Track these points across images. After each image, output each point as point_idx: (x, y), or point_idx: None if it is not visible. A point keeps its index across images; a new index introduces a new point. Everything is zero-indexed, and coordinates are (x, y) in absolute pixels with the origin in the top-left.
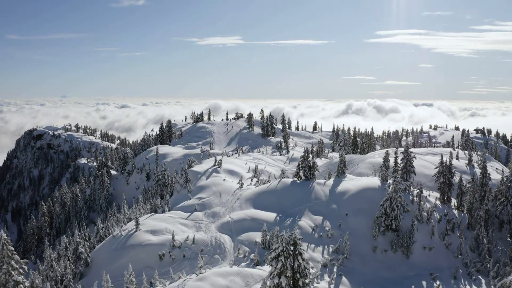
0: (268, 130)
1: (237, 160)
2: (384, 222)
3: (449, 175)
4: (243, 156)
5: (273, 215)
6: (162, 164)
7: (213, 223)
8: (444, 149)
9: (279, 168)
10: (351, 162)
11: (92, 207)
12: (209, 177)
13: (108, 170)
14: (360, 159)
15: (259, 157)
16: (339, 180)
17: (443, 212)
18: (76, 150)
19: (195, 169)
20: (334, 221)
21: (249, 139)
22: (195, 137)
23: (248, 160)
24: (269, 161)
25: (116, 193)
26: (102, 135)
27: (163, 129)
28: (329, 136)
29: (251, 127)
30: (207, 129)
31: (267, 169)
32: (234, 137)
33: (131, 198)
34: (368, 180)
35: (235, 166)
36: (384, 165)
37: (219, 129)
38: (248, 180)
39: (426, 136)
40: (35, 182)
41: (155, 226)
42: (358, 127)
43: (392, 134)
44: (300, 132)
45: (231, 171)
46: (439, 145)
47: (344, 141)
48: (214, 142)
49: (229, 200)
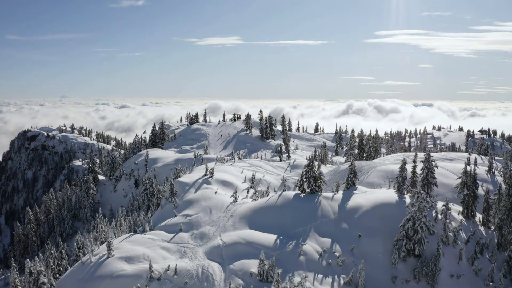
0: (267, 132)
1: (232, 168)
2: (405, 246)
3: (473, 186)
4: (239, 162)
5: (272, 237)
6: (152, 169)
7: (201, 246)
8: (460, 154)
9: (279, 177)
10: (360, 169)
11: (77, 215)
12: (198, 189)
13: (96, 175)
14: (370, 166)
15: (257, 163)
16: (349, 193)
17: (469, 230)
18: (70, 151)
19: (183, 179)
20: (345, 245)
21: (247, 142)
22: (189, 140)
23: (244, 167)
24: (268, 168)
25: (103, 200)
26: (98, 136)
27: (155, 131)
28: (331, 138)
29: (249, 129)
30: (202, 131)
31: (265, 178)
32: (231, 140)
33: (118, 206)
34: (383, 193)
35: (229, 176)
36: (401, 175)
37: (215, 131)
38: (243, 192)
39: (430, 137)
40: (29, 184)
41: (131, 251)
42: (361, 128)
43: (395, 135)
44: (301, 134)
45: (225, 182)
46: (443, 147)
47: (350, 145)
48: (209, 146)
49: (220, 218)
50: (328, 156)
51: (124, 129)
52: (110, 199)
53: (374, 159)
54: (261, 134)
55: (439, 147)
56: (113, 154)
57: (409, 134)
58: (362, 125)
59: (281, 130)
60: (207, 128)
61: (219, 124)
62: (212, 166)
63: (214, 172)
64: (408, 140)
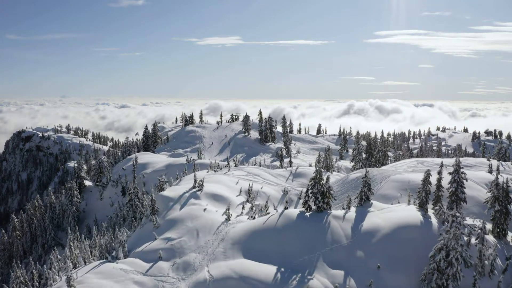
0: (267, 135)
1: (226, 178)
2: (435, 281)
3: (506, 201)
4: (234, 170)
5: (271, 269)
6: (140, 176)
7: (184, 280)
8: (479, 160)
9: (279, 187)
10: (372, 179)
11: (60, 225)
12: (185, 205)
13: (82, 181)
14: (383, 175)
15: (255, 171)
16: (363, 211)
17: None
18: (65, 152)
19: (167, 193)
20: (362, 279)
21: (244, 145)
22: (182, 143)
23: (240, 176)
24: (267, 177)
25: (89, 209)
26: (94, 137)
27: (147, 132)
28: (334, 140)
29: (247, 131)
30: (197, 134)
31: (264, 189)
32: (228, 143)
33: (104, 216)
34: (404, 211)
35: (222, 188)
36: (423, 188)
37: (211, 133)
38: (238, 208)
39: (435, 139)
40: (24, 186)
41: None
42: (368, 131)
43: (398, 136)
44: (302, 136)
45: (216, 196)
46: (449, 148)
47: (358, 149)
48: (204, 149)
49: (209, 242)
50: (333, 161)
51: (124, 129)
52: (96, 208)
53: (384, 164)
54: (260, 137)
55: (444, 149)
56: (100, 158)
57: (413, 135)
58: (363, 125)
59: (281, 132)
60: (203, 130)
61: (216, 126)
62: (202, 177)
63: (205, 183)
64: (413, 141)
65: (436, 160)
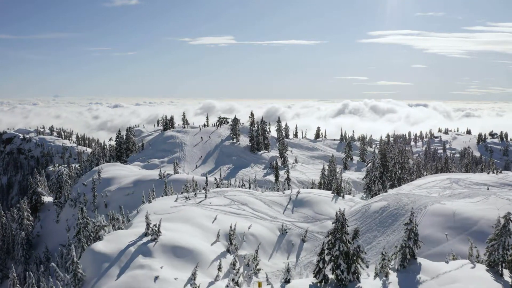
0: (259, 141)
1: (199, 212)
2: None
3: None
4: (213, 197)
5: None
6: (103, 194)
7: None
8: None
9: (275, 223)
10: (400, 209)
11: (10, 252)
12: (127, 269)
13: (39, 197)
14: (416, 205)
15: (241, 198)
16: (410, 280)
17: None
18: (47, 155)
19: (103, 247)
20: None
21: (233, 154)
22: (159, 151)
23: (220, 208)
24: (258, 206)
25: (44, 233)
26: (79, 139)
27: (120, 138)
28: (335, 146)
29: (236, 137)
30: (177, 140)
31: (254, 229)
32: (213, 151)
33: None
34: (472, 280)
35: (192, 231)
36: (499, 240)
37: (194, 139)
38: (213, 267)
39: (438, 141)
40: (4, 191)
41: None
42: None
43: (397, 138)
44: (300, 141)
45: (179, 250)
46: (454, 152)
47: (373, 162)
48: (184, 159)
49: None
50: (337, 173)
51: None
52: (52, 232)
53: (401, 179)
54: (251, 144)
55: (449, 153)
56: (60, 170)
57: (414, 137)
58: (359, 125)
59: (276, 137)
60: (184, 136)
61: (200, 131)
62: (158, 222)
63: (167, 224)
64: (415, 144)
65: (473, 178)
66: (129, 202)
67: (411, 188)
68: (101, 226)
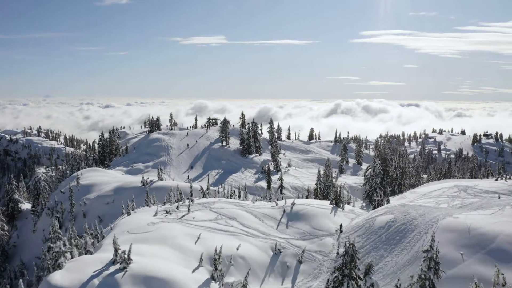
0: (249, 144)
1: (180, 229)
2: None
3: None
4: (197, 210)
5: None
6: (81, 203)
7: None
8: None
9: (267, 242)
10: (412, 225)
11: None
12: None
13: (16, 205)
14: (426, 219)
15: (229, 211)
16: None
17: None
18: (35, 157)
19: (60, 280)
20: None
21: (222, 158)
22: (144, 155)
23: (205, 224)
24: (248, 221)
25: (21, 242)
26: (67, 140)
27: (103, 140)
28: (330, 148)
29: (226, 140)
30: (162, 143)
31: (243, 249)
32: (201, 155)
33: (33, 257)
34: None
35: (169, 253)
36: None
37: (181, 142)
38: None
39: (433, 141)
40: None
41: None
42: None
43: (391, 138)
44: (293, 143)
45: (152, 281)
46: (449, 153)
47: (374, 168)
48: (170, 164)
49: None
50: (332, 177)
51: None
52: (29, 243)
53: (401, 185)
54: (242, 147)
55: (444, 154)
56: (37, 176)
57: (408, 138)
58: (352, 125)
59: (268, 139)
60: (171, 139)
61: (188, 133)
62: (129, 246)
63: (136, 254)
64: (409, 144)
65: (482, 185)
66: (109, 211)
67: (415, 197)
68: (60, 253)
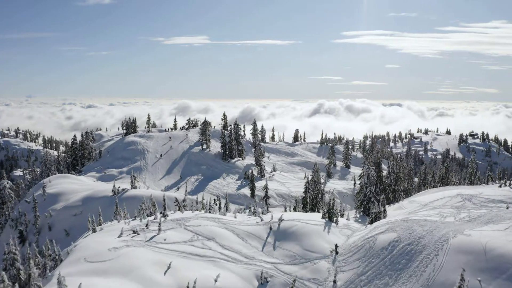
0: (232, 148)
1: (147, 256)
2: None
3: None
4: (169, 229)
5: None
6: (47, 214)
7: None
8: None
9: (251, 269)
10: (419, 245)
11: None
12: None
13: None
14: (434, 237)
15: (206, 230)
16: None
17: None
18: (12, 159)
19: None
20: None
21: (202, 163)
22: (118, 160)
23: (177, 248)
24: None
25: None
26: (45, 141)
27: (76, 144)
28: (316, 150)
29: (206, 143)
30: (138, 146)
31: (222, 279)
32: (179, 159)
33: None
34: None
35: None
36: None
37: (158, 145)
38: None
39: (418, 141)
40: None
41: None
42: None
43: (376, 138)
44: (277, 145)
45: None
46: (436, 153)
47: (368, 175)
48: (146, 169)
49: None
50: (320, 183)
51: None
52: None
53: (395, 192)
54: (223, 151)
55: (431, 155)
56: (2, 184)
57: (394, 138)
58: (335, 125)
59: (251, 140)
60: (147, 142)
61: (166, 135)
62: None
63: (94, 282)
64: (394, 145)
65: (486, 193)
66: (76, 224)
67: (415, 208)
68: None
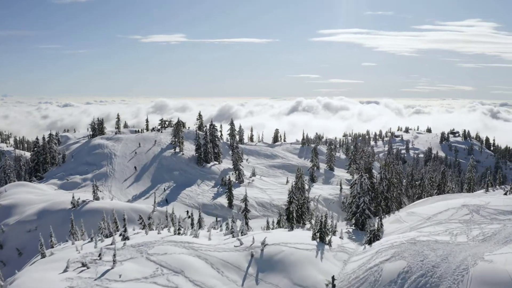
0: (207, 151)
1: None
2: None
3: None
4: (126, 262)
5: None
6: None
7: None
8: None
9: None
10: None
11: None
12: None
13: None
14: (449, 261)
15: (174, 261)
16: None
17: None
18: None
19: None
20: None
21: (174, 167)
22: (83, 165)
23: (136, 285)
24: (200, 275)
25: None
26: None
27: (38, 147)
28: (297, 151)
29: (179, 145)
30: (105, 150)
31: None
32: (149, 164)
33: None
34: None
35: None
36: None
37: (127, 149)
38: None
39: (400, 140)
40: None
41: None
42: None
43: (356, 137)
44: (256, 146)
45: None
46: (418, 152)
47: (361, 184)
48: (112, 175)
49: None
50: (305, 188)
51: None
52: None
53: (387, 199)
54: (198, 155)
55: (413, 154)
56: None
57: (374, 136)
58: (313, 123)
59: (228, 142)
60: (115, 144)
61: (136, 137)
62: None
63: None
64: (375, 144)
65: (493, 204)
66: (30, 242)
67: (417, 222)
68: None
